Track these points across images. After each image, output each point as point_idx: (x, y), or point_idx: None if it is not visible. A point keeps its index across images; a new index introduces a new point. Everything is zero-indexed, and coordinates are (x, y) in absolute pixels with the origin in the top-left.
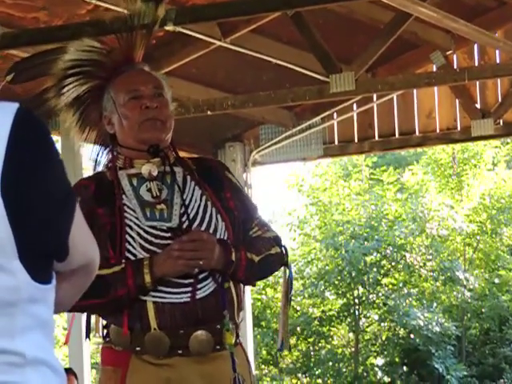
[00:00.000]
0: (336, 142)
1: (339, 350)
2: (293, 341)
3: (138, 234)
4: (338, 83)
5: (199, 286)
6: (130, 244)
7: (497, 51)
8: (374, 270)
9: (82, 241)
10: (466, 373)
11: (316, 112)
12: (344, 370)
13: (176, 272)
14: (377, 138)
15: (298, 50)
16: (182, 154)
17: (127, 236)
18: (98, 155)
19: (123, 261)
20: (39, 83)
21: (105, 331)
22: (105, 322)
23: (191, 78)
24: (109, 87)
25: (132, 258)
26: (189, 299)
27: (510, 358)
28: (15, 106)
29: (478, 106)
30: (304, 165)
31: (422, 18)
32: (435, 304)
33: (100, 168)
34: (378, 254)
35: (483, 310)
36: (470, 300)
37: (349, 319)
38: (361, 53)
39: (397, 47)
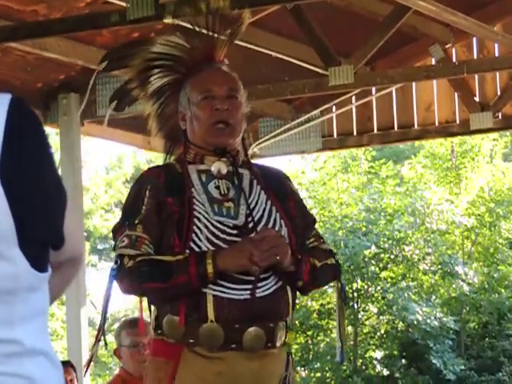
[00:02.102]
0: (335, 135)
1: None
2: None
3: (206, 227)
4: (337, 76)
5: (260, 285)
6: (196, 235)
7: (496, 44)
8: (373, 263)
9: (74, 231)
10: (463, 367)
11: (315, 105)
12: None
13: (240, 268)
14: (376, 131)
15: (296, 43)
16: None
17: (195, 227)
18: (169, 148)
19: (187, 251)
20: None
21: (155, 323)
22: (156, 313)
23: None
24: (186, 83)
25: (196, 248)
26: (249, 296)
27: (509, 351)
28: (8, 96)
29: (476, 99)
30: (302, 158)
31: (421, 11)
32: (434, 297)
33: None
34: (377, 248)
35: (482, 304)
36: (468, 293)
37: (347, 312)
38: (360, 46)
39: (396, 40)
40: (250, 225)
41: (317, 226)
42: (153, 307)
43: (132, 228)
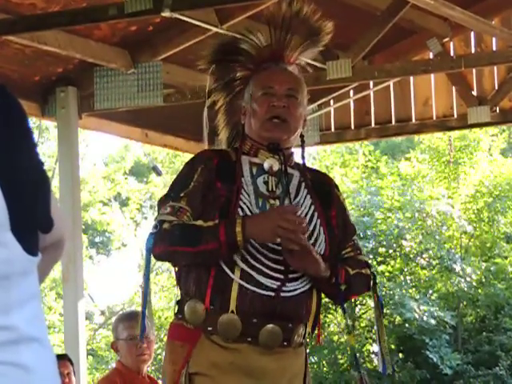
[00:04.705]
0: (332, 129)
1: (335, 337)
2: None
3: None
4: (335, 70)
5: (287, 285)
6: None
7: (493, 39)
8: (371, 256)
9: (58, 215)
10: (460, 362)
11: (312, 99)
12: (340, 356)
13: (265, 241)
14: (373, 125)
15: None
16: (179, 140)
17: (236, 215)
18: (231, 141)
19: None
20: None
21: (176, 307)
22: (179, 298)
23: (188, 65)
24: (251, 79)
25: None
26: (273, 294)
27: (506, 345)
28: None
29: (474, 93)
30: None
31: (419, 5)
32: (431, 292)
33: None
34: (375, 242)
35: (479, 298)
36: (466, 288)
37: (345, 306)
38: (358, 40)
39: (393, 34)
40: None
41: (355, 236)
42: (178, 291)
43: (176, 200)
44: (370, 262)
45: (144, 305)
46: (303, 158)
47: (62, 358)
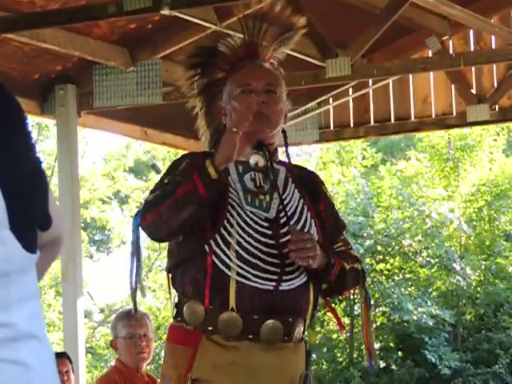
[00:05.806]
0: (332, 127)
1: (334, 336)
2: None
3: (238, 214)
4: (334, 68)
5: (285, 278)
6: (228, 221)
7: (493, 37)
8: (370, 255)
9: (56, 212)
10: (458, 362)
11: (312, 97)
12: (339, 354)
13: (230, 147)
14: (372, 123)
15: None
16: (178, 138)
17: (227, 213)
18: (214, 145)
19: (217, 236)
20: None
21: (175, 310)
22: (177, 300)
23: None
24: (228, 80)
25: (226, 234)
26: (271, 288)
27: (505, 343)
28: None
29: (473, 91)
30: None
31: (418, 3)
32: (430, 290)
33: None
34: (373, 241)
35: (478, 296)
36: (465, 286)
37: (344, 304)
38: (357, 38)
39: (393, 32)
40: (282, 220)
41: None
42: (174, 293)
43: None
44: (367, 260)
45: (136, 279)
46: (287, 153)
47: (61, 356)
